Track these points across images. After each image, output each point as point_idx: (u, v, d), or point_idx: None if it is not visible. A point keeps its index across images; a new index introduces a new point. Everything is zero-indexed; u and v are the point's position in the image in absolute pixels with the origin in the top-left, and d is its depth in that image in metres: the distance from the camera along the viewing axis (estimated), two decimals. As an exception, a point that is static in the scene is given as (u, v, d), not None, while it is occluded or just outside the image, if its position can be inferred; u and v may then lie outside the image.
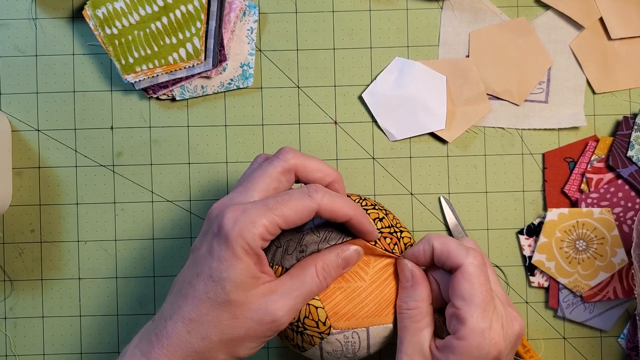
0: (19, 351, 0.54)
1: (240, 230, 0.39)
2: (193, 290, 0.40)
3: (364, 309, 0.43)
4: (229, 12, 0.52)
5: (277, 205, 0.39)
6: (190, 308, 0.40)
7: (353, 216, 0.41)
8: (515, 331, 0.43)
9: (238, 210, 0.39)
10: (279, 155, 0.42)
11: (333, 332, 0.43)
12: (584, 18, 0.54)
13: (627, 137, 0.53)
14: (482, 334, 0.40)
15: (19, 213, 0.54)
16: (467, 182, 0.54)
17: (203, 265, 0.40)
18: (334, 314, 0.43)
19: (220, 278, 0.39)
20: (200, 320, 0.39)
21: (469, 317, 0.40)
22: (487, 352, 0.40)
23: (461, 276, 0.41)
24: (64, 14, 0.54)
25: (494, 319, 0.41)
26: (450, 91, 0.54)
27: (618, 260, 0.53)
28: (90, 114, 0.54)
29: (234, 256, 0.39)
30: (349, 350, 0.44)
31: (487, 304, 0.41)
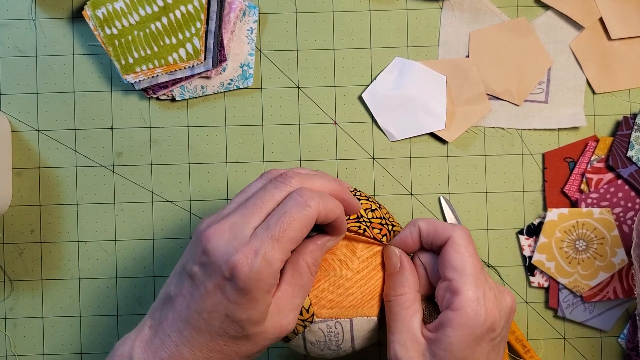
0: (19, 351, 0.54)
1: (259, 276, 0.37)
2: (207, 326, 0.39)
3: (348, 298, 0.43)
4: (229, 12, 0.52)
5: (282, 233, 0.38)
6: (207, 340, 0.39)
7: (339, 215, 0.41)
8: (508, 304, 0.42)
9: (249, 254, 0.38)
10: (284, 180, 0.41)
11: (316, 321, 0.43)
12: (584, 18, 0.54)
13: (627, 137, 0.53)
14: (477, 301, 0.40)
15: (19, 213, 0.54)
16: (467, 182, 0.54)
17: (215, 304, 0.39)
18: (317, 301, 0.43)
19: (240, 319, 0.39)
20: (220, 350, 0.40)
21: (463, 286, 0.40)
22: (483, 320, 0.40)
23: (451, 248, 0.42)
24: (64, 14, 0.54)
25: (487, 288, 0.41)
26: (450, 91, 0.54)
27: (618, 261, 0.53)
28: (90, 114, 0.54)
29: (253, 300, 0.38)
30: (332, 342, 0.43)
31: (479, 274, 0.41)
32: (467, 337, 0.40)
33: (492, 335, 0.41)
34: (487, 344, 0.41)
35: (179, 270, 0.41)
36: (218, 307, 0.39)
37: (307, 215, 0.38)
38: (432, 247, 0.44)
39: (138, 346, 0.40)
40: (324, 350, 0.44)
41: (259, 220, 0.39)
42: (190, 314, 0.40)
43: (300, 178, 0.41)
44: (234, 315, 0.39)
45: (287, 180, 0.41)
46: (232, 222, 0.39)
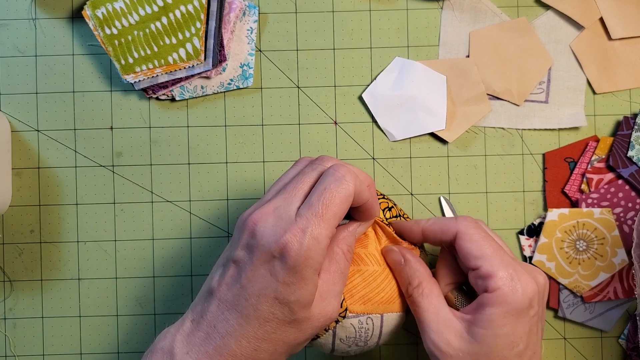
0: (19, 351, 0.54)
1: (308, 254, 0.38)
2: (255, 311, 0.39)
3: (380, 294, 0.44)
4: (229, 12, 0.52)
5: (325, 210, 0.39)
6: (255, 328, 0.39)
7: (370, 198, 0.42)
8: (541, 281, 0.42)
9: (297, 232, 0.38)
10: (319, 162, 0.42)
11: (349, 316, 0.43)
12: (584, 18, 0.54)
13: (627, 137, 0.53)
14: (511, 278, 0.40)
15: (18, 213, 0.54)
16: (467, 182, 0.54)
17: (264, 287, 0.39)
18: (351, 296, 0.43)
19: (288, 301, 0.38)
20: (267, 338, 0.39)
21: (491, 269, 0.40)
22: (521, 295, 0.40)
23: (463, 241, 0.42)
24: (64, 14, 0.54)
25: (515, 265, 0.41)
26: (451, 91, 0.54)
27: (618, 261, 0.53)
28: (90, 114, 0.54)
29: (302, 279, 0.38)
30: (361, 338, 0.44)
31: (502, 253, 0.41)
32: (507, 314, 0.40)
33: (531, 312, 0.41)
34: (527, 321, 0.40)
35: (222, 262, 0.41)
36: (267, 290, 0.38)
37: (345, 189, 0.39)
38: (443, 244, 0.44)
39: (179, 340, 0.39)
40: (351, 347, 0.44)
41: (300, 201, 0.40)
42: (237, 300, 0.39)
43: (334, 161, 0.42)
44: (283, 297, 0.38)
45: (322, 161, 0.42)
46: (275, 205, 0.40)
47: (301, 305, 0.39)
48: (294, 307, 0.39)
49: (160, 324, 0.54)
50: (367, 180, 0.43)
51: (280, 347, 0.40)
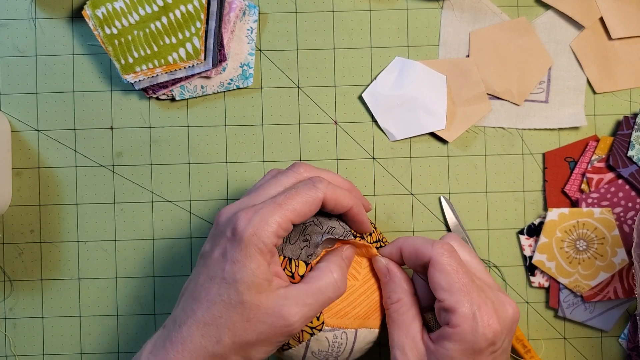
0: (19, 351, 0.54)
1: (254, 230, 0.39)
2: (206, 294, 0.40)
3: (356, 308, 0.43)
4: (229, 12, 0.52)
5: (286, 201, 0.40)
6: (203, 311, 0.39)
7: (354, 206, 0.42)
8: (509, 315, 0.42)
9: (250, 212, 0.40)
10: (292, 169, 0.43)
11: (325, 329, 0.43)
12: (584, 18, 0.54)
13: (627, 137, 0.53)
14: (473, 318, 0.40)
15: (18, 213, 0.54)
16: (467, 182, 0.54)
17: (216, 269, 0.40)
18: (328, 309, 0.43)
19: (234, 280, 0.39)
20: (214, 324, 0.39)
21: (455, 304, 0.40)
22: (482, 334, 0.40)
23: (433, 269, 0.41)
24: (64, 14, 0.54)
25: (482, 301, 0.40)
26: (451, 91, 0.54)
27: (618, 260, 0.53)
28: (90, 114, 0.54)
29: (248, 257, 0.39)
30: (333, 352, 0.43)
31: (470, 288, 0.41)
32: (466, 352, 0.40)
33: (493, 349, 0.41)
34: (487, 357, 0.40)
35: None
36: (217, 271, 0.39)
37: (314, 194, 0.40)
38: (419, 268, 0.44)
39: (148, 344, 0.41)
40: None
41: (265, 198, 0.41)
42: (195, 287, 0.40)
43: (310, 169, 0.43)
44: (229, 275, 0.39)
45: (296, 169, 0.43)
46: (241, 201, 0.42)
47: (246, 285, 0.39)
48: (239, 286, 0.39)
49: (160, 324, 0.54)
50: (345, 185, 0.44)
51: (227, 336, 0.39)
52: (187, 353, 0.39)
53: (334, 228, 0.43)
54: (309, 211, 0.41)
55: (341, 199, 0.42)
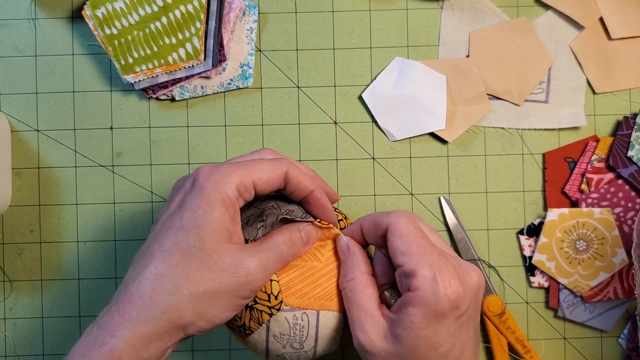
0: (19, 351, 0.54)
1: (216, 180, 0.38)
2: (160, 245, 0.38)
3: (317, 289, 0.43)
4: (229, 12, 0.52)
5: (249, 165, 0.40)
6: (157, 263, 0.37)
7: (315, 190, 0.42)
8: (474, 280, 0.40)
9: (211, 167, 0.40)
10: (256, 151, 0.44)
11: (284, 309, 0.42)
12: (584, 18, 0.54)
13: (627, 137, 0.53)
14: (434, 279, 0.38)
15: (18, 213, 0.54)
16: (467, 182, 0.54)
17: (173, 219, 0.39)
18: (287, 289, 0.42)
19: (195, 226, 0.38)
20: (168, 274, 0.37)
21: (415, 267, 0.39)
22: (443, 296, 0.38)
23: (392, 235, 0.41)
24: (64, 14, 0.54)
25: (442, 263, 0.39)
26: (451, 91, 0.54)
27: (618, 261, 0.53)
28: (90, 114, 0.54)
29: (210, 203, 0.38)
30: (296, 337, 0.42)
31: (428, 250, 0.40)
32: (428, 315, 0.38)
33: (457, 313, 0.39)
34: (452, 322, 0.39)
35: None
36: (174, 221, 0.38)
37: (277, 164, 0.40)
38: (379, 242, 0.43)
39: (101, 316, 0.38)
40: (286, 348, 0.43)
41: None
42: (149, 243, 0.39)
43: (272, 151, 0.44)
44: (188, 221, 0.38)
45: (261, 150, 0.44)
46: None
47: (208, 231, 0.37)
48: (200, 232, 0.37)
49: (160, 323, 0.54)
50: (309, 172, 0.44)
51: (184, 285, 0.37)
52: (135, 313, 0.36)
53: (293, 211, 0.43)
54: (271, 179, 0.40)
55: (303, 179, 0.41)
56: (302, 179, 0.41)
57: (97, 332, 0.36)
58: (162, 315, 0.36)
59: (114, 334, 0.36)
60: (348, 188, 0.54)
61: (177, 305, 0.37)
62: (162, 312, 0.36)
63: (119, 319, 0.36)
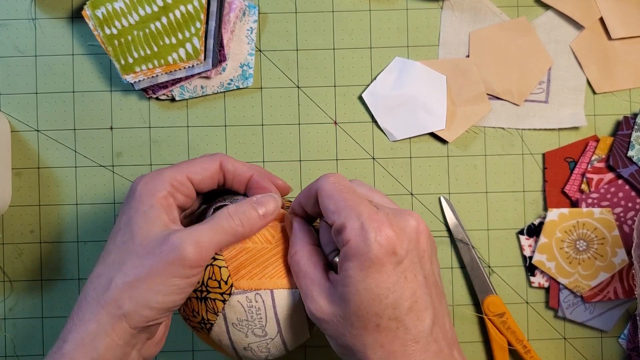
0: (19, 352, 0.54)
1: (147, 180, 0.40)
2: (105, 252, 0.40)
3: (268, 268, 0.42)
4: (229, 12, 0.52)
5: (182, 163, 0.42)
6: (97, 267, 0.39)
7: (254, 173, 0.43)
8: (411, 225, 0.38)
9: (148, 173, 0.42)
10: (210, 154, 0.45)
11: (234, 292, 0.41)
12: (584, 18, 0.54)
13: (627, 137, 0.53)
14: (362, 227, 0.37)
15: (18, 213, 0.54)
16: (467, 182, 0.54)
17: (116, 228, 0.40)
18: (236, 272, 0.41)
19: (127, 224, 0.39)
20: (106, 272, 0.38)
21: (344, 220, 0.38)
22: (374, 242, 0.37)
23: (320, 197, 0.40)
24: (64, 14, 0.54)
25: (371, 212, 0.38)
26: (451, 91, 0.54)
27: (618, 261, 0.53)
28: (90, 114, 0.54)
29: (141, 202, 0.40)
30: (254, 320, 0.41)
31: (354, 203, 0.38)
32: (363, 266, 0.37)
33: (395, 259, 0.37)
34: (392, 270, 0.37)
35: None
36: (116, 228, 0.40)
37: (209, 158, 0.42)
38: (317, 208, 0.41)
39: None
40: (249, 337, 0.41)
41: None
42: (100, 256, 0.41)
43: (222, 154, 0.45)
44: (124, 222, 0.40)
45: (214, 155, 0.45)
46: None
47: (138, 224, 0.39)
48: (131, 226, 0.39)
49: (160, 324, 0.54)
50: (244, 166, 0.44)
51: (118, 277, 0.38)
52: (81, 314, 0.38)
53: (237, 199, 0.43)
54: (205, 170, 0.42)
55: (239, 166, 0.43)
56: (237, 166, 0.43)
57: (56, 342, 0.39)
58: (101, 310, 0.38)
59: (66, 338, 0.38)
60: (348, 188, 0.54)
61: (113, 296, 0.38)
62: (101, 307, 0.38)
63: (70, 325, 0.38)
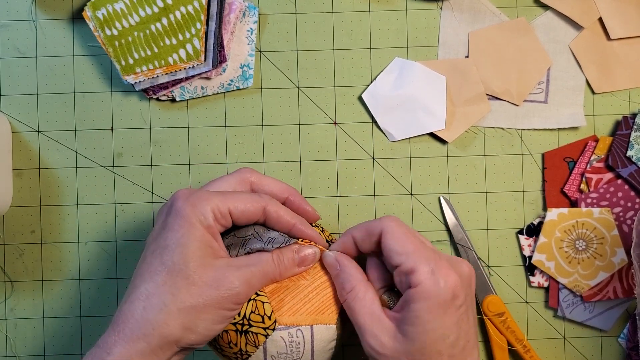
0: (20, 352, 0.54)
1: (193, 203, 0.40)
2: (148, 266, 0.40)
3: (307, 304, 0.44)
4: (229, 13, 0.53)
5: (227, 194, 0.42)
6: (146, 284, 0.40)
7: (297, 225, 0.44)
8: (466, 271, 0.43)
9: (189, 191, 0.42)
10: (238, 170, 0.46)
11: (278, 328, 0.43)
12: (583, 18, 0.54)
13: (626, 137, 0.53)
14: (432, 273, 0.40)
15: (19, 214, 0.54)
16: (467, 182, 0.55)
17: (157, 242, 0.40)
18: (279, 308, 0.43)
19: (178, 244, 0.40)
20: (157, 292, 0.39)
21: (413, 264, 0.41)
22: (444, 288, 0.40)
23: (385, 238, 0.42)
24: (64, 15, 0.54)
25: (437, 258, 0.41)
26: (450, 91, 0.54)
27: (618, 260, 0.53)
28: (91, 115, 0.54)
29: (189, 224, 0.40)
30: (293, 353, 0.43)
31: (423, 248, 0.42)
32: (432, 308, 0.40)
33: (457, 303, 0.41)
34: (454, 312, 0.41)
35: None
36: (159, 243, 0.40)
37: (255, 198, 0.43)
38: (373, 248, 0.44)
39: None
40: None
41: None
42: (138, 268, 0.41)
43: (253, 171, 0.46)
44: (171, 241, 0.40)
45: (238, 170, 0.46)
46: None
47: (190, 249, 0.39)
48: (182, 250, 0.39)
49: (160, 324, 0.54)
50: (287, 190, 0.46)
51: (172, 302, 0.39)
52: (128, 330, 0.39)
53: (274, 238, 0.44)
54: (248, 211, 0.42)
55: (282, 214, 0.43)
56: (281, 214, 0.43)
57: (95, 351, 0.39)
58: (153, 331, 0.39)
59: (110, 351, 0.39)
60: (348, 188, 0.54)
61: (166, 320, 0.39)
62: (153, 328, 0.39)
63: (115, 338, 0.39)
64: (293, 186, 0.49)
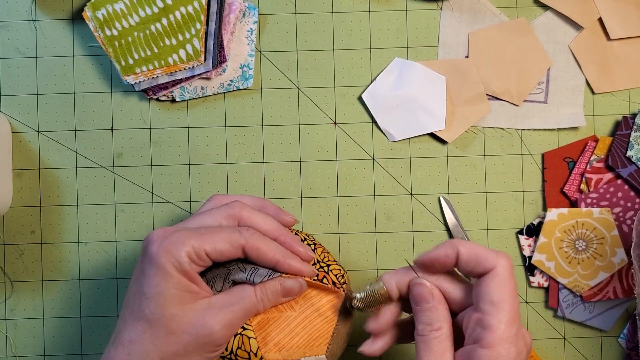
0: (20, 352, 0.54)
1: (166, 248, 0.40)
2: (130, 312, 0.40)
3: (294, 339, 0.43)
4: (229, 13, 0.53)
5: (206, 233, 0.41)
6: (128, 330, 0.40)
7: (280, 261, 0.42)
8: (529, 342, 0.40)
9: (166, 231, 0.41)
10: (228, 204, 0.43)
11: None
12: (583, 18, 0.54)
13: (626, 137, 0.53)
14: (509, 341, 0.37)
15: (19, 214, 0.54)
16: (466, 182, 0.55)
17: (138, 286, 0.40)
18: (265, 344, 0.42)
19: (153, 294, 0.39)
20: (138, 340, 0.40)
21: (497, 324, 0.37)
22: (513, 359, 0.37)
23: (491, 280, 0.38)
24: (64, 16, 0.54)
25: (518, 327, 0.38)
26: (450, 92, 0.54)
27: (618, 260, 0.53)
28: (91, 115, 0.54)
29: (164, 272, 0.39)
30: None
31: (516, 311, 0.38)
32: None
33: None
34: None
35: None
36: (139, 287, 0.40)
37: (235, 235, 0.41)
38: (469, 273, 0.41)
39: None
40: None
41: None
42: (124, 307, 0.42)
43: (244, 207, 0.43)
44: (148, 289, 0.39)
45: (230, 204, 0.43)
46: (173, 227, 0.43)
47: (166, 298, 0.39)
48: (159, 299, 0.39)
49: (160, 324, 0.54)
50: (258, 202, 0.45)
51: (153, 351, 0.39)
52: None
53: (257, 269, 0.42)
54: (227, 251, 0.41)
55: (263, 250, 0.41)
56: (263, 251, 0.41)
57: None
58: None
59: None
60: (348, 188, 0.54)
61: None
62: None
63: None
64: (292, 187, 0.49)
